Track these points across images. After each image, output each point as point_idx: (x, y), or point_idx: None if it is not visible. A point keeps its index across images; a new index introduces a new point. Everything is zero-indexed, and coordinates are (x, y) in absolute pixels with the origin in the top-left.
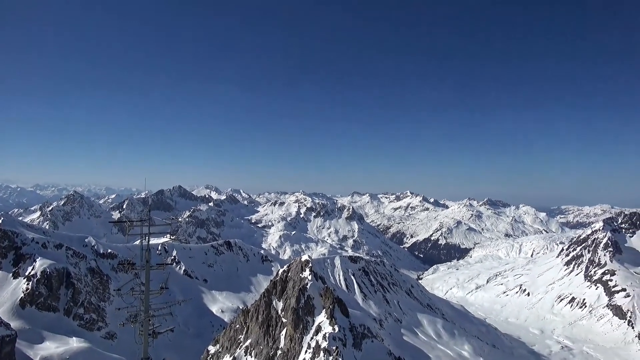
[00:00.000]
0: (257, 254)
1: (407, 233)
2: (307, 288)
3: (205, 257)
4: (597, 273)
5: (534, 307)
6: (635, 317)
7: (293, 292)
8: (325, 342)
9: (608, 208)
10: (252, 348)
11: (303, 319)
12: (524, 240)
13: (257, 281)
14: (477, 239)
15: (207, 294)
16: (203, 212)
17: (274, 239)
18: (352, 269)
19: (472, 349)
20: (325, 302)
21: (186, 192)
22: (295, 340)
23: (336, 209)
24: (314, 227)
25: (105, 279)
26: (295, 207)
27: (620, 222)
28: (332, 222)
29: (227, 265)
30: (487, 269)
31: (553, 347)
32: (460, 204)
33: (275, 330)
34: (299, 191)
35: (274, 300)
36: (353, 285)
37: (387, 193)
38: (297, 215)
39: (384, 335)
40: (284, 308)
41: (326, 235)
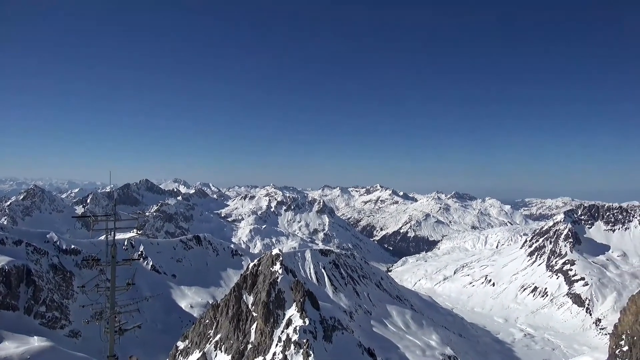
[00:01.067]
0: (227, 248)
1: (377, 226)
2: (278, 282)
3: (173, 252)
4: (558, 263)
5: (499, 297)
6: (592, 305)
7: (264, 286)
8: (296, 335)
9: (569, 201)
10: (222, 343)
11: (274, 312)
12: (490, 232)
13: (227, 276)
14: (445, 231)
15: (176, 290)
16: (171, 206)
17: (244, 233)
18: (323, 262)
19: (440, 339)
20: (296, 296)
21: (153, 186)
22: (266, 334)
23: (307, 203)
24: (285, 221)
25: (69, 275)
26: (265, 200)
27: (580, 214)
28: (303, 215)
29: (196, 260)
30: (455, 261)
31: (516, 334)
32: (428, 197)
33: (245, 325)
34: (269, 185)
35: (244, 295)
36: (324, 279)
37: (358, 186)
38: (267, 209)
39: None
40: (254, 302)
41: (297, 228)
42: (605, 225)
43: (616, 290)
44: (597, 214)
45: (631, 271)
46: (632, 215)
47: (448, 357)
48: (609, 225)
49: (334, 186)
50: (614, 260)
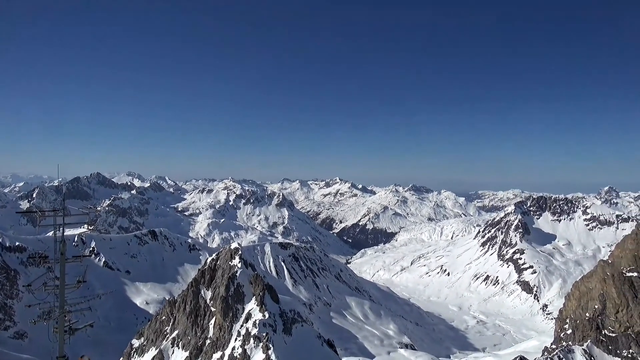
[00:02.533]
0: (184, 243)
1: (337, 219)
2: (237, 276)
3: (127, 248)
4: (509, 252)
5: (454, 286)
6: (540, 291)
7: (222, 281)
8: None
9: (519, 193)
10: (179, 339)
11: (233, 307)
12: (445, 224)
13: (185, 271)
14: (403, 223)
15: (130, 286)
16: (125, 200)
17: (202, 227)
18: (283, 255)
19: (397, 328)
20: (255, 290)
21: (105, 179)
22: (225, 328)
23: (266, 196)
24: (244, 215)
25: (13, 274)
26: (224, 194)
27: (529, 206)
28: (262, 209)
29: (152, 255)
30: (412, 252)
31: (469, 322)
32: (387, 190)
33: (203, 320)
34: (228, 178)
35: (202, 290)
36: (283, 272)
37: (317, 179)
38: (226, 203)
39: (313, 319)
40: (212, 297)
41: (256, 222)
42: (552, 215)
43: (561, 277)
44: (545, 205)
45: (575, 259)
46: (577, 206)
47: (405, 345)
48: (555, 215)
49: (293, 179)
50: (559, 249)
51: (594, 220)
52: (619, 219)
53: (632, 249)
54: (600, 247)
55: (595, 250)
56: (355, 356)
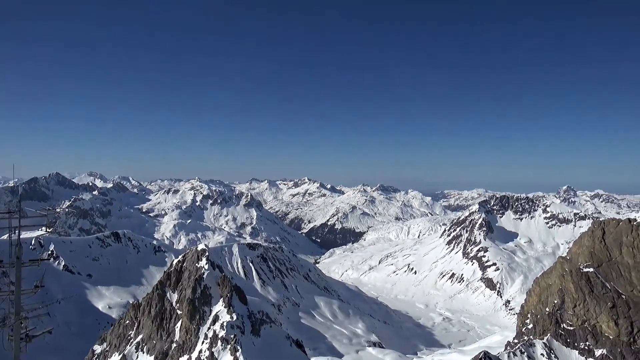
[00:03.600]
0: (149, 244)
1: (305, 219)
2: (204, 278)
3: (89, 251)
4: (473, 250)
5: (420, 284)
6: (503, 288)
7: (189, 283)
8: (223, 331)
9: (483, 192)
10: (144, 343)
11: (199, 309)
12: (412, 223)
13: (150, 273)
14: (371, 222)
15: (92, 290)
16: (86, 201)
17: (167, 229)
18: (251, 256)
19: (365, 327)
20: (222, 291)
21: (65, 179)
22: (192, 331)
23: (234, 196)
24: (211, 215)
25: None
26: (190, 194)
27: (492, 205)
28: (230, 209)
29: (115, 258)
30: (380, 251)
31: (436, 319)
32: (355, 190)
33: (169, 323)
34: (194, 178)
35: (168, 292)
36: (251, 272)
37: (286, 179)
38: (192, 203)
39: (282, 319)
40: (179, 299)
41: (224, 223)
42: (514, 214)
43: (523, 273)
44: (508, 204)
45: (536, 256)
46: (537, 205)
47: (373, 343)
48: (517, 214)
49: (261, 179)
50: (521, 246)
51: (554, 219)
52: (576, 217)
53: (588, 245)
54: (559, 244)
55: (555, 247)
56: (324, 356)
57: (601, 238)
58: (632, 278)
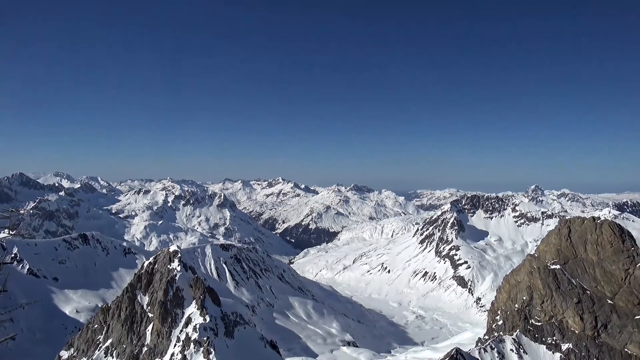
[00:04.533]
0: (118, 246)
1: (279, 219)
2: (176, 279)
3: (55, 253)
4: (445, 249)
5: (394, 283)
6: (474, 286)
7: (160, 285)
8: (195, 333)
9: (454, 192)
10: (113, 348)
11: (171, 312)
12: (386, 223)
13: (119, 276)
14: (345, 222)
15: (59, 294)
16: (52, 202)
17: (138, 230)
18: (224, 257)
19: (340, 326)
20: (195, 293)
21: (30, 180)
22: (163, 334)
23: (207, 197)
24: (183, 216)
25: None
26: (162, 195)
27: (463, 204)
28: (203, 210)
29: (83, 260)
30: (354, 250)
31: (409, 317)
32: (329, 190)
33: (140, 327)
34: (166, 178)
35: (138, 295)
36: (225, 274)
37: (260, 180)
38: (164, 204)
39: (256, 320)
40: (150, 302)
41: (196, 223)
42: (484, 213)
43: (493, 271)
44: (478, 203)
45: (505, 254)
46: (507, 204)
47: (347, 342)
48: (487, 213)
49: (235, 179)
50: (491, 244)
51: (522, 217)
52: (544, 216)
53: (555, 243)
54: (527, 242)
55: (523, 245)
56: (298, 356)
57: (567, 236)
58: (596, 274)
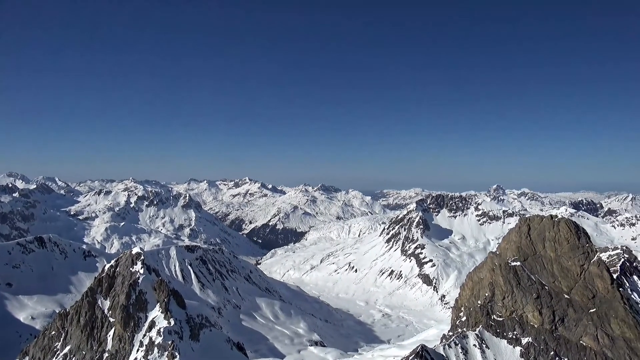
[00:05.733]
0: (78, 249)
1: (246, 219)
2: (139, 282)
3: (8, 257)
4: (411, 248)
5: (361, 282)
6: (439, 283)
7: (122, 289)
8: (159, 337)
9: (420, 191)
10: (72, 355)
11: (134, 316)
12: (353, 222)
13: (79, 280)
14: (312, 222)
15: (12, 300)
16: (5, 204)
17: (98, 232)
18: (189, 258)
19: (307, 326)
20: (159, 296)
21: None
22: (126, 339)
23: (171, 197)
24: (147, 217)
25: None
26: (124, 195)
27: (429, 203)
28: (167, 211)
29: (39, 264)
30: (321, 250)
31: (376, 315)
32: (296, 190)
33: (101, 332)
34: (128, 178)
35: (99, 299)
36: (190, 276)
37: (226, 180)
38: (126, 205)
39: (222, 322)
40: (111, 306)
41: (160, 225)
42: (449, 212)
43: (457, 269)
44: (443, 202)
45: (468, 252)
46: (470, 203)
47: (315, 342)
48: (452, 212)
49: (201, 179)
50: (455, 243)
51: (485, 216)
52: (505, 214)
53: (515, 241)
54: (489, 240)
55: (486, 243)
56: (265, 357)
57: (527, 234)
58: (554, 270)
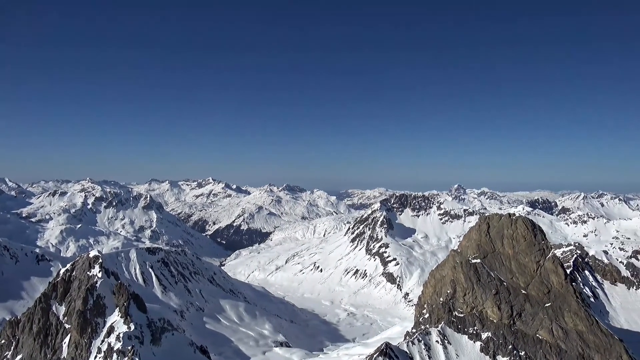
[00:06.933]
0: (30, 253)
1: (210, 220)
2: (97, 286)
3: None
4: (375, 247)
5: (326, 282)
6: (402, 281)
7: (79, 293)
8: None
9: (384, 191)
10: None
11: (92, 321)
12: (318, 222)
13: (31, 285)
14: (277, 222)
15: None
16: None
17: (53, 235)
18: (150, 261)
19: (272, 327)
20: (118, 300)
21: None
22: (82, 346)
23: (131, 198)
24: (105, 219)
25: None
26: (81, 197)
27: (392, 203)
28: (127, 212)
29: None
30: (286, 251)
31: (341, 314)
32: (261, 190)
33: (55, 339)
34: (85, 179)
35: (54, 305)
36: (151, 279)
37: (189, 180)
38: (83, 206)
39: (185, 325)
40: (67, 312)
41: (120, 227)
42: (412, 211)
43: (420, 267)
44: (406, 202)
45: (431, 250)
46: (432, 202)
47: (280, 343)
48: (415, 211)
49: (162, 180)
50: (418, 241)
51: (446, 215)
52: (466, 213)
53: (476, 238)
54: (451, 238)
55: (447, 241)
56: None
57: (486, 232)
58: (512, 266)
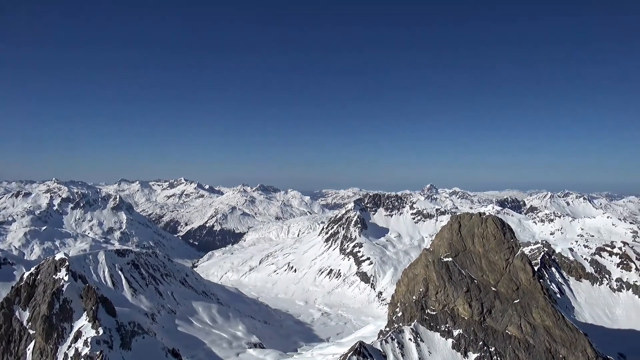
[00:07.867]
0: None
1: (182, 221)
2: (63, 290)
3: None
4: (349, 246)
5: (300, 282)
6: (376, 280)
7: (44, 298)
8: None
9: (357, 191)
10: None
11: (58, 326)
12: (292, 222)
13: None
14: (251, 223)
15: None
16: None
17: (16, 237)
18: (120, 263)
19: (246, 328)
20: (86, 304)
21: None
22: (48, 352)
23: (100, 199)
24: (72, 221)
25: None
26: (46, 197)
27: (366, 202)
28: (95, 213)
29: None
30: (260, 251)
31: (315, 314)
32: (234, 190)
33: (19, 346)
34: (51, 179)
35: (17, 310)
36: (121, 281)
37: (160, 180)
38: (49, 208)
39: (156, 329)
40: (31, 317)
41: (88, 228)
42: (385, 211)
43: (393, 266)
44: (380, 201)
45: (404, 249)
46: (405, 202)
47: (254, 345)
48: (388, 211)
49: (132, 180)
50: (391, 240)
51: (419, 214)
52: (438, 212)
53: (447, 237)
54: (424, 237)
55: (420, 240)
56: None
57: (458, 230)
58: (482, 264)
